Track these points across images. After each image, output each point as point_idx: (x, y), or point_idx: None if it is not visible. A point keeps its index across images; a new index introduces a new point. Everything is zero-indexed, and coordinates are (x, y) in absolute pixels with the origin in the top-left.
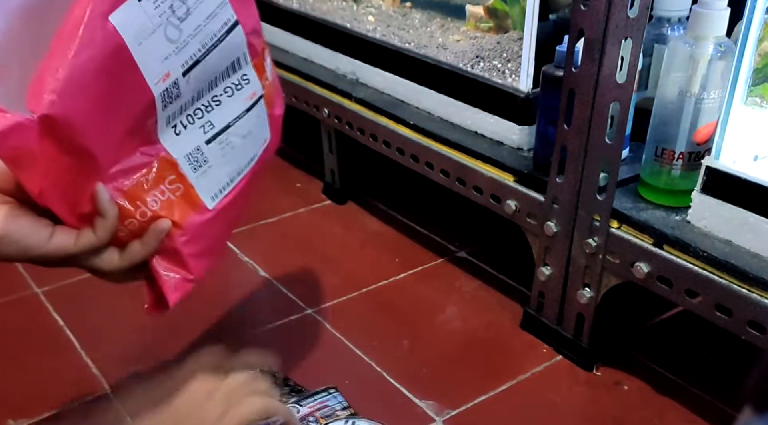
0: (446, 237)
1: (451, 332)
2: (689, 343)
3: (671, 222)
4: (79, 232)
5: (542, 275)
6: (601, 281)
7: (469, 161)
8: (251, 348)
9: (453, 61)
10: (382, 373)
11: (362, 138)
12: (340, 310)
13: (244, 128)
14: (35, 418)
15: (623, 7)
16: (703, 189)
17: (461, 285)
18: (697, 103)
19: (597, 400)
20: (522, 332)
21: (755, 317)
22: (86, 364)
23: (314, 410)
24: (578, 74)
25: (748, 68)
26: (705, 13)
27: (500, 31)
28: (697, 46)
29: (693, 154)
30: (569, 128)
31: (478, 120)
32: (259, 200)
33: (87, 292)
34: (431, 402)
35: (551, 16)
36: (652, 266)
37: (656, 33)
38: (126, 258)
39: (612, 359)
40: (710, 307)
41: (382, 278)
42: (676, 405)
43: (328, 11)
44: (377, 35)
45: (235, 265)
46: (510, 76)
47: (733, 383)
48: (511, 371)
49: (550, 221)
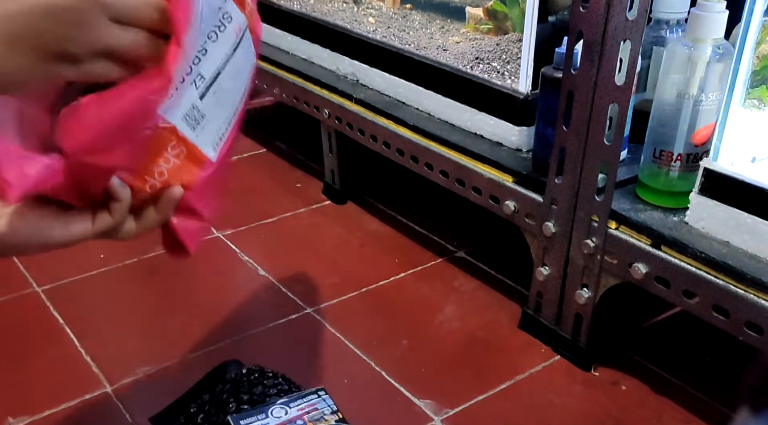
0: (445, 237)
1: (449, 331)
2: (686, 344)
3: (669, 223)
4: (95, 217)
5: (541, 275)
6: (599, 282)
7: (468, 161)
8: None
9: (453, 62)
10: (381, 372)
11: (362, 139)
12: (340, 309)
13: (233, 68)
14: (35, 416)
15: (622, 10)
16: (701, 190)
17: (460, 285)
18: (695, 105)
19: (595, 400)
20: (520, 332)
21: (752, 318)
22: (86, 362)
23: (303, 413)
24: (577, 76)
25: (746, 70)
26: (703, 16)
27: (500, 33)
28: (696, 49)
29: (691, 155)
30: (568, 130)
31: (478, 121)
32: (260, 200)
33: (87, 291)
34: (430, 401)
35: (550, 17)
36: (650, 266)
37: (655, 35)
38: (142, 226)
39: (610, 359)
40: (708, 308)
41: (382, 277)
42: (674, 404)
43: (328, 12)
44: (377, 37)
45: (235, 265)
46: (509, 78)
47: (730, 383)
48: (510, 370)
49: (548, 221)
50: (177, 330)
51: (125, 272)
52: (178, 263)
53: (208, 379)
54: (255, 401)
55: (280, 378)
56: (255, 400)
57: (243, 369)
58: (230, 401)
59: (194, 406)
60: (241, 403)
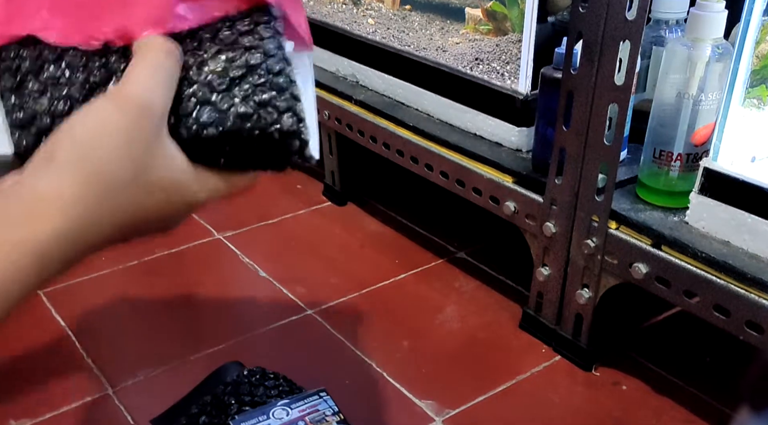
0: (446, 238)
1: (450, 332)
2: (687, 343)
3: (669, 223)
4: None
5: (541, 275)
6: (599, 282)
7: (468, 162)
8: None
9: (452, 63)
10: (382, 373)
11: (362, 140)
12: (341, 311)
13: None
14: (36, 419)
15: (621, 10)
16: (701, 190)
17: (460, 286)
18: (695, 104)
19: (595, 400)
20: (521, 332)
21: (753, 317)
22: (87, 365)
23: (304, 414)
24: (577, 76)
25: (745, 70)
26: (703, 15)
27: (499, 34)
28: (695, 48)
29: (691, 155)
30: (568, 130)
31: (478, 122)
32: (260, 202)
33: (88, 292)
34: (431, 401)
35: (550, 18)
36: (650, 266)
37: (654, 35)
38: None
39: (610, 359)
40: (708, 307)
41: (382, 278)
42: (674, 404)
43: (328, 14)
44: (377, 38)
45: (235, 266)
46: (509, 78)
47: (731, 383)
48: (510, 371)
49: (548, 222)
50: (178, 331)
51: (126, 274)
52: (179, 265)
53: (209, 381)
54: (256, 402)
55: (281, 380)
56: (256, 401)
57: (244, 371)
58: (231, 402)
59: (196, 408)
60: (242, 404)
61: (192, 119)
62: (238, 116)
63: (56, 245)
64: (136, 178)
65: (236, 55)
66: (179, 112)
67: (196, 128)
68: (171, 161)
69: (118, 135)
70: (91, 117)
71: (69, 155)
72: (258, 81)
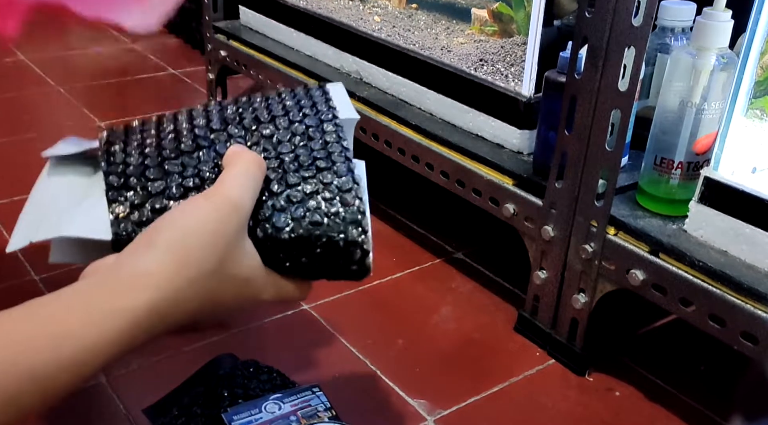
0: (444, 238)
1: (445, 332)
2: (681, 352)
3: (668, 231)
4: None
5: (538, 279)
6: (596, 287)
7: (469, 163)
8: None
9: (457, 63)
10: (375, 371)
11: (364, 137)
12: (336, 307)
13: None
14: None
15: (628, 16)
16: (701, 199)
17: (457, 286)
18: (697, 113)
19: (588, 405)
20: (516, 334)
21: (748, 328)
22: None
23: (296, 409)
24: (581, 81)
25: (749, 80)
26: (709, 24)
27: (504, 36)
28: (700, 57)
29: (692, 164)
30: (570, 134)
31: (480, 123)
32: None
33: None
34: (423, 401)
35: (556, 22)
36: (647, 273)
37: (659, 42)
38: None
39: (604, 365)
40: (704, 316)
41: (379, 276)
42: (667, 412)
43: (334, 10)
44: (382, 35)
45: None
46: (513, 81)
47: (724, 392)
48: (504, 373)
49: (547, 225)
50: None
51: None
52: None
53: (202, 372)
54: (249, 395)
55: (274, 374)
56: (249, 395)
57: (238, 363)
58: (224, 394)
59: (188, 399)
60: (235, 397)
61: (269, 223)
62: (309, 223)
63: (147, 316)
64: (218, 268)
65: (311, 174)
66: (258, 216)
67: (272, 232)
68: (248, 259)
69: (209, 228)
70: (189, 211)
71: (168, 241)
72: (329, 196)
